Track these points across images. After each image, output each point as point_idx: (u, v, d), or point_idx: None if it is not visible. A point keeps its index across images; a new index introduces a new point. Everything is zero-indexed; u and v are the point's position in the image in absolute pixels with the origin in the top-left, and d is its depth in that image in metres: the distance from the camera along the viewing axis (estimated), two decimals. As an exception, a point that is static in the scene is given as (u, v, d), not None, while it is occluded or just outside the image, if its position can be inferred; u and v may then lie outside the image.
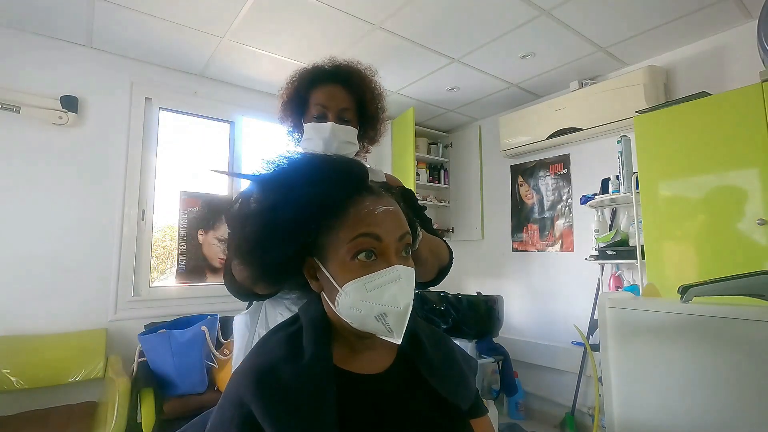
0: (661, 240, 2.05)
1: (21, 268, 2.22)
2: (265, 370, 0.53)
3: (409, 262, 0.59)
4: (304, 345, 0.56)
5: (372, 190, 0.59)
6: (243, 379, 0.53)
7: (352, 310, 0.54)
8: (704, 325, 1.01)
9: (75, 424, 1.94)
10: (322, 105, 0.98)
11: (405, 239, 0.58)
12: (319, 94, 0.99)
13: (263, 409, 0.49)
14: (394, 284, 0.54)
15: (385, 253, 0.55)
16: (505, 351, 2.55)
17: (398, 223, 0.58)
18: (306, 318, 0.60)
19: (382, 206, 0.57)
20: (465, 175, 3.85)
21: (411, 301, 0.55)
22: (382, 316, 0.53)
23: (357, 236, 0.54)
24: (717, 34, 2.34)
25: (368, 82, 1.03)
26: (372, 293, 0.53)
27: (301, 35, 2.37)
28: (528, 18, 2.19)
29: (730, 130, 1.86)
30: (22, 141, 2.27)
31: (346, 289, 0.54)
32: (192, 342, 2.18)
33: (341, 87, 0.99)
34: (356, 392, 0.56)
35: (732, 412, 0.95)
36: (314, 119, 0.99)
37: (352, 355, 0.60)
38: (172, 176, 2.83)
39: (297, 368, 0.53)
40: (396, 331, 0.54)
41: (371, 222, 0.55)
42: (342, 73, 1.00)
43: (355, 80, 1.00)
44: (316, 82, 1.00)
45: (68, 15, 2.17)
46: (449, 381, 0.63)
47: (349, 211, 0.55)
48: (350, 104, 1.00)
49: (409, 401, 0.60)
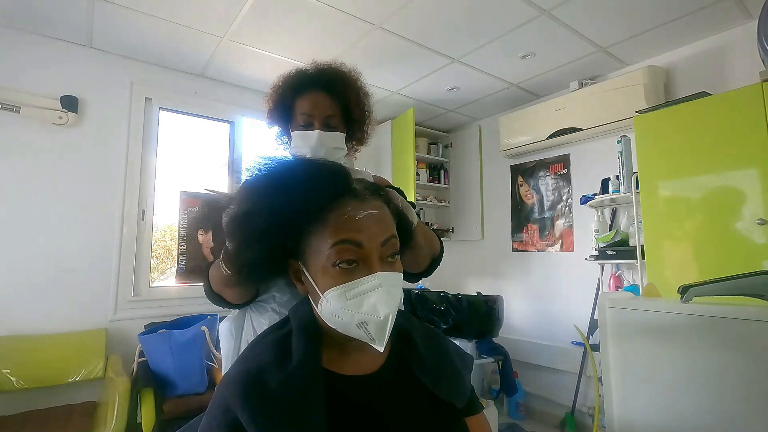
0: (661, 240, 2.05)
1: (21, 268, 2.22)
2: (252, 375, 0.53)
3: (396, 267, 0.57)
4: (293, 348, 0.56)
5: (355, 193, 0.58)
6: (230, 385, 0.53)
7: (334, 317, 0.54)
8: (704, 325, 1.01)
9: (75, 424, 1.94)
10: (308, 114, 0.98)
11: (390, 243, 0.56)
12: (303, 102, 0.99)
13: (249, 416, 0.49)
14: (374, 293, 0.53)
15: (366, 259, 0.54)
16: (505, 351, 2.55)
17: (382, 228, 0.56)
18: (295, 320, 0.60)
19: (364, 211, 0.55)
20: (465, 175, 3.85)
21: (394, 309, 0.53)
22: (362, 324, 0.53)
23: (337, 243, 0.53)
24: (717, 34, 2.34)
25: (352, 86, 1.02)
26: (352, 302, 0.53)
27: (301, 35, 2.37)
28: (528, 18, 2.19)
29: (730, 130, 1.85)
30: (22, 141, 2.27)
31: (327, 296, 0.54)
32: (192, 342, 2.18)
33: (325, 94, 0.99)
34: (346, 395, 0.56)
35: (732, 412, 0.95)
36: (301, 127, 0.99)
37: (342, 356, 0.59)
38: (172, 176, 2.83)
39: (285, 373, 0.53)
40: (378, 339, 0.53)
41: (352, 228, 0.54)
42: (325, 78, 0.99)
43: (338, 85, 0.99)
44: (299, 90, 1.00)
45: (68, 15, 2.17)
46: (443, 380, 0.62)
47: (329, 216, 0.55)
48: (335, 110, 0.99)
49: (401, 401, 0.59)
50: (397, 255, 0.59)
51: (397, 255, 0.58)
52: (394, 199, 0.66)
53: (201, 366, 2.19)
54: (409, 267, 0.94)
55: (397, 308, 0.55)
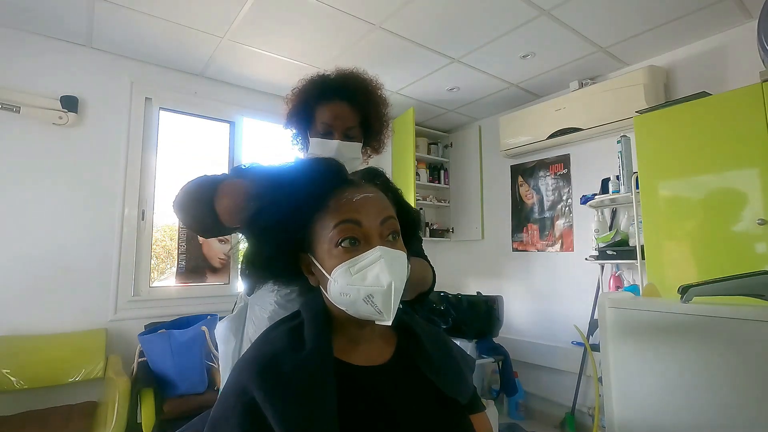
0: (661, 240, 2.05)
1: (21, 268, 2.22)
2: (267, 359, 0.55)
3: (397, 246, 0.60)
4: (306, 337, 0.58)
5: (352, 182, 0.62)
6: (246, 368, 0.55)
7: (342, 295, 0.56)
8: (704, 325, 1.01)
9: (75, 424, 1.94)
10: (329, 124, 0.99)
11: (388, 223, 0.59)
12: (325, 111, 0.99)
13: (265, 396, 0.50)
14: (377, 264, 0.55)
15: (367, 237, 0.57)
16: (505, 351, 2.55)
17: (379, 208, 0.59)
18: (307, 312, 0.62)
19: (360, 194, 0.59)
20: (465, 175, 3.85)
21: (397, 280, 0.55)
22: (369, 297, 0.55)
23: (338, 224, 0.56)
24: (717, 34, 2.34)
25: (374, 98, 1.03)
26: (356, 276, 0.55)
27: (301, 35, 2.37)
28: (528, 18, 2.19)
29: (730, 130, 1.85)
30: (22, 141, 2.27)
31: (334, 275, 0.56)
32: (192, 342, 2.18)
33: (347, 104, 0.99)
34: (355, 383, 0.58)
35: (732, 412, 0.95)
36: (320, 135, 1.00)
37: (353, 347, 0.61)
38: (172, 176, 2.83)
39: (298, 359, 0.55)
40: (385, 311, 0.55)
41: (350, 209, 0.57)
42: (349, 88, 1.00)
43: (360, 96, 1.00)
44: (322, 97, 1.01)
45: (68, 15, 2.17)
46: (447, 375, 0.64)
47: (329, 203, 0.58)
48: (355, 121, 1.00)
49: (408, 393, 0.61)
50: (399, 237, 0.61)
51: (398, 236, 0.61)
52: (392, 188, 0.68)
53: (201, 366, 2.20)
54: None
55: (402, 281, 0.57)
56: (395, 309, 0.56)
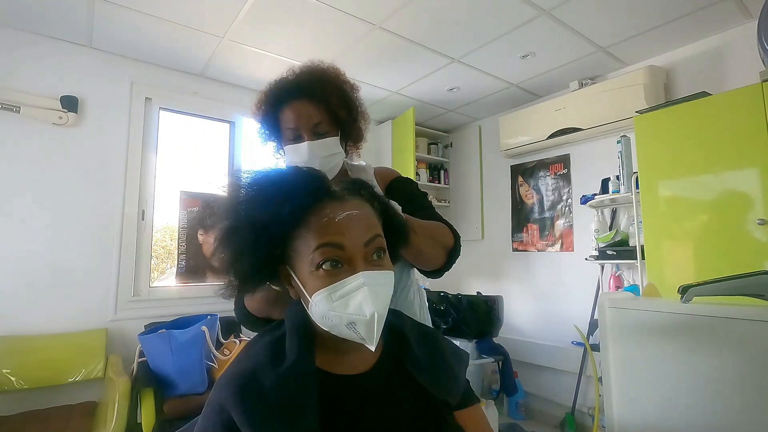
0: (661, 240, 2.05)
1: (21, 268, 2.22)
2: (247, 376, 0.54)
3: (383, 265, 0.57)
4: (287, 349, 0.57)
5: (335, 194, 0.58)
6: (225, 385, 0.54)
7: (324, 319, 0.55)
8: (704, 325, 1.01)
9: (75, 424, 1.94)
10: (293, 128, 0.92)
11: (374, 243, 0.56)
12: (287, 115, 0.93)
13: (243, 415, 0.50)
14: (359, 292, 0.53)
15: (350, 260, 0.55)
16: (505, 351, 2.55)
17: (363, 228, 0.56)
18: (289, 322, 0.61)
19: (343, 212, 0.56)
20: (465, 175, 3.85)
21: (381, 307, 0.53)
22: (351, 324, 0.53)
23: (318, 246, 0.54)
24: (717, 34, 2.34)
25: (333, 85, 0.95)
26: (338, 303, 0.53)
27: (301, 35, 2.37)
28: (528, 18, 2.19)
29: (730, 130, 1.85)
30: (23, 141, 2.27)
31: (314, 299, 0.54)
32: (192, 342, 2.18)
33: (307, 101, 0.92)
34: (339, 393, 0.57)
35: (732, 412, 0.95)
36: (290, 141, 0.94)
37: (337, 356, 0.60)
38: (172, 176, 2.83)
39: (278, 373, 0.54)
40: (368, 338, 0.54)
41: (332, 231, 0.54)
42: (304, 84, 0.93)
43: (318, 89, 0.93)
44: (280, 102, 0.94)
45: (68, 15, 2.16)
46: (436, 377, 0.63)
47: (310, 220, 0.55)
48: (321, 116, 0.93)
49: (393, 399, 0.60)
50: (385, 253, 0.59)
51: (384, 253, 0.58)
52: (379, 197, 0.65)
53: (201, 366, 2.19)
54: (423, 265, 0.92)
55: (386, 307, 0.55)
56: (378, 336, 0.54)
